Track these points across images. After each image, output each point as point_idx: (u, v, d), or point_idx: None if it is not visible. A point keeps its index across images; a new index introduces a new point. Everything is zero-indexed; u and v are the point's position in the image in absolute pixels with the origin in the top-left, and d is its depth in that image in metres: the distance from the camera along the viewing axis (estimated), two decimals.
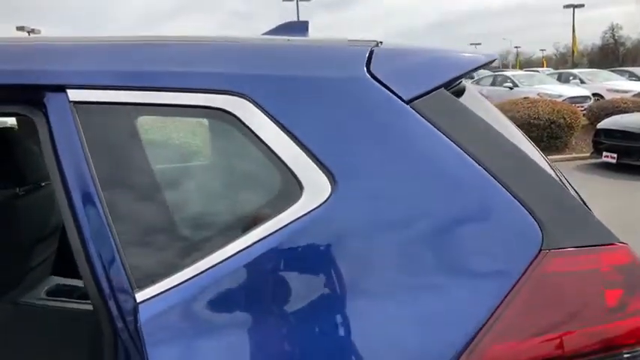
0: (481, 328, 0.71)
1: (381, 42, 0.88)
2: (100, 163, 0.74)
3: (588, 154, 7.94)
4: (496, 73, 14.66)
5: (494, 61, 0.97)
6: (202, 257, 0.71)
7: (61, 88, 0.75)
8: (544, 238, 0.75)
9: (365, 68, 0.79)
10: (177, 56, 0.79)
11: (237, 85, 0.75)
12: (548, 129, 8.31)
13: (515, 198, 0.76)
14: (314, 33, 1.10)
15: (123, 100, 0.75)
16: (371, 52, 0.82)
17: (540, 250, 0.75)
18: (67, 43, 0.83)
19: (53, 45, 0.83)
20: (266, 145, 0.74)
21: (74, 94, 0.75)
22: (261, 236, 0.72)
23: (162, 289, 0.70)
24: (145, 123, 0.78)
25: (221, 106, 0.75)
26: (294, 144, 0.74)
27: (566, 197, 0.80)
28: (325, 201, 0.73)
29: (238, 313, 0.71)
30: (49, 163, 0.76)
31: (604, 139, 7.36)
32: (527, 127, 7.98)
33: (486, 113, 1.04)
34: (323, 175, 0.74)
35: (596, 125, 8.04)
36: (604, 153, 7.18)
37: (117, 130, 0.76)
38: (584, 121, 9.24)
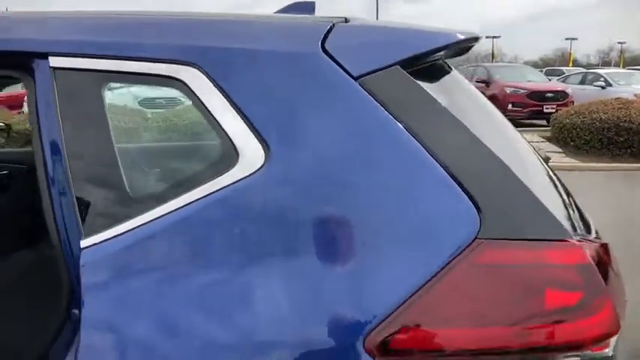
0: (396, 309, 0.69)
1: (348, 19, 0.88)
2: (66, 120, 0.81)
3: None
4: (588, 71, 13.55)
5: (471, 40, 0.92)
6: (143, 212, 0.77)
7: (45, 55, 0.84)
8: (482, 226, 0.72)
9: (319, 44, 0.80)
10: (139, 29, 0.85)
11: (189, 55, 0.79)
12: None
13: (455, 181, 0.73)
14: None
15: (92, 68, 0.82)
16: (330, 28, 0.82)
17: (475, 238, 0.71)
18: (49, 16, 0.92)
19: (38, 17, 0.92)
20: (209, 111, 0.78)
21: (54, 61, 0.83)
22: (195, 198, 0.75)
23: (103, 239, 0.76)
24: (109, 88, 0.84)
25: (173, 74, 0.79)
26: (235, 113, 0.77)
27: (519, 189, 0.75)
28: (258, 169, 0.75)
29: (169, 264, 0.76)
30: (32, 119, 0.85)
31: None
32: (615, 130, 7.34)
33: (467, 99, 1.01)
34: (259, 144, 0.76)
35: None
36: None
37: (84, 93, 0.83)
38: None
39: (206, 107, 0.78)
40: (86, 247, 0.77)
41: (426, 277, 0.70)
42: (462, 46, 1.09)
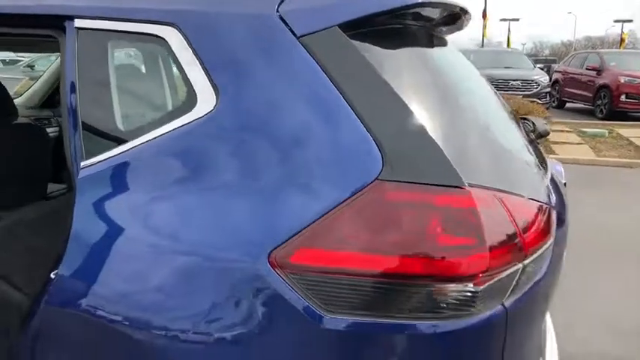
0: (299, 231, 0.83)
1: None
2: (81, 67, 1.05)
3: None
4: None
5: (419, 5, 0.99)
6: (129, 140, 0.98)
7: (72, 18, 1.07)
8: (384, 168, 0.82)
9: (276, 7, 0.94)
10: None
11: (170, 17, 0.97)
12: None
13: (366, 128, 0.84)
14: None
15: (101, 27, 1.04)
16: None
17: (376, 178, 0.82)
18: None
19: None
20: (180, 63, 0.96)
21: (78, 22, 1.07)
22: (162, 133, 0.95)
23: (95, 161, 0.99)
24: (112, 45, 1.06)
25: (158, 33, 0.98)
26: (198, 65, 0.94)
27: (424, 140, 0.84)
28: (210, 111, 0.92)
29: (144, 181, 0.96)
30: (61, 67, 1.10)
31: None
32: None
33: (419, 62, 1.09)
34: (213, 91, 0.93)
35: None
36: None
37: (95, 47, 1.06)
38: None
39: (178, 60, 0.96)
40: (84, 167, 1.00)
41: (329, 206, 0.83)
42: (440, 16, 1.17)
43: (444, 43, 1.30)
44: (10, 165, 1.77)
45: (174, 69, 0.97)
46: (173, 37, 0.97)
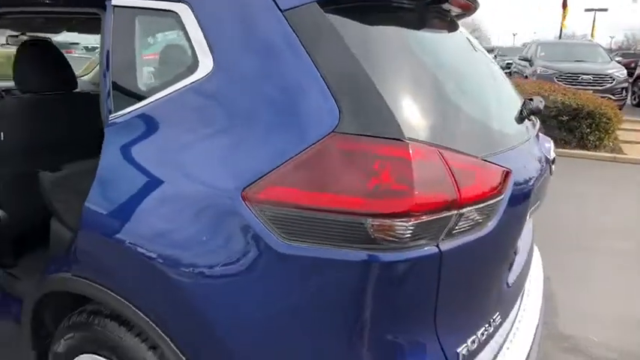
0: (267, 173, 1.00)
1: None
2: (115, 40, 1.28)
3: None
4: None
5: None
6: (145, 98, 1.21)
7: None
8: (339, 123, 0.98)
9: None
10: None
11: None
12: None
13: (331, 94, 1.00)
14: None
15: (130, 5, 1.27)
16: None
17: (333, 131, 0.98)
18: None
19: None
20: (188, 34, 1.16)
21: (114, 1, 1.30)
22: (171, 91, 1.16)
23: (120, 114, 1.23)
24: (138, 19, 1.29)
25: (172, 8, 1.19)
26: (201, 35, 1.14)
27: (376, 100, 0.99)
28: (207, 74, 1.12)
29: (155, 129, 1.18)
30: (101, 40, 1.34)
31: None
32: None
33: (418, 39, 1.23)
34: (211, 57, 1.12)
35: None
36: None
37: (126, 22, 1.29)
38: None
39: (187, 31, 1.16)
40: (111, 119, 1.24)
41: (292, 153, 1.00)
42: None
43: (434, 21, 1.42)
44: (71, 128, 2.09)
45: (184, 39, 1.17)
46: (184, 12, 1.17)
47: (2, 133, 1.89)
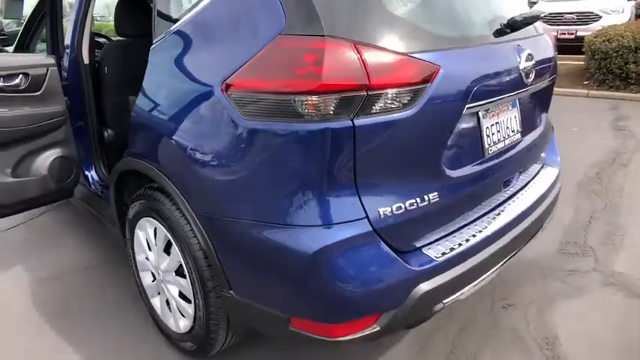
0: (236, 69, 1.37)
1: None
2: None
3: None
4: None
5: None
6: (162, 32, 1.66)
7: None
8: (285, 26, 1.30)
9: None
10: None
11: None
12: None
13: (281, 5, 1.32)
14: None
15: None
16: None
17: (279, 33, 1.31)
18: None
19: None
20: None
21: None
22: (188, 17, 1.59)
23: (157, 39, 1.69)
24: None
25: None
26: None
27: (310, 8, 1.28)
28: (207, 4, 1.52)
29: (177, 45, 1.62)
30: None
31: None
32: None
33: None
34: None
35: None
36: None
37: None
38: None
39: None
40: (154, 44, 1.72)
41: (252, 53, 1.35)
42: None
43: None
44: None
45: None
46: None
47: (106, 68, 2.51)
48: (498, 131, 1.71)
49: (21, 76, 1.96)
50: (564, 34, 9.42)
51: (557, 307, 2.21)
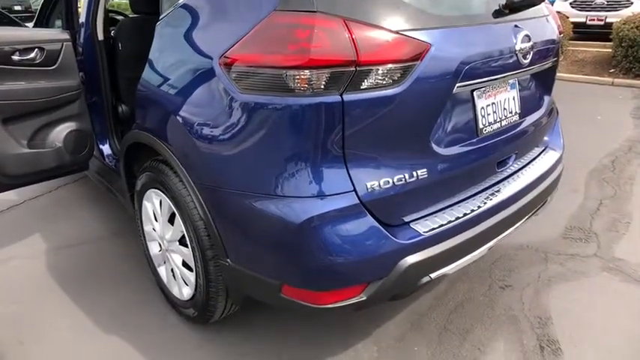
0: (233, 44, 1.42)
1: None
2: None
3: None
4: None
5: None
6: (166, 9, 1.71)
7: None
8: (279, 2, 1.35)
9: None
10: None
11: None
12: None
13: None
14: None
15: None
16: None
17: (274, 9, 1.35)
18: None
19: None
20: None
21: None
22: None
23: (160, 19, 1.75)
24: None
25: None
26: None
27: None
28: None
29: (175, 24, 1.68)
30: None
31: None
32: None
33: None
34: None
35: None
36: None
37: None
38: None
39: None
40: (158, 22, 1.78)
41: (248, 28, 1.39)
42: None
43: None
44: None
45: None
46: None
47: (120, 44, 2.59)
48: (494, 112, 1.72)
49: (36, 50, 2.05)
50: (593, 19, 9.15)
51: (553, 290, 2.23)
